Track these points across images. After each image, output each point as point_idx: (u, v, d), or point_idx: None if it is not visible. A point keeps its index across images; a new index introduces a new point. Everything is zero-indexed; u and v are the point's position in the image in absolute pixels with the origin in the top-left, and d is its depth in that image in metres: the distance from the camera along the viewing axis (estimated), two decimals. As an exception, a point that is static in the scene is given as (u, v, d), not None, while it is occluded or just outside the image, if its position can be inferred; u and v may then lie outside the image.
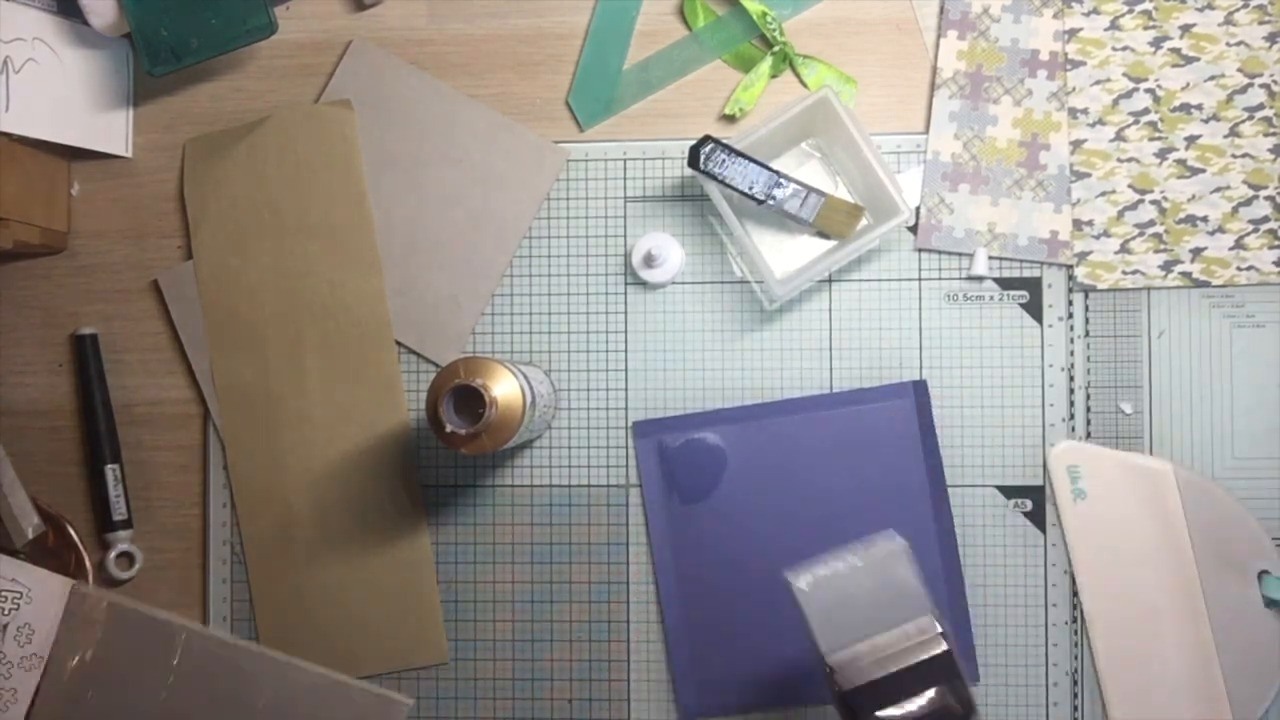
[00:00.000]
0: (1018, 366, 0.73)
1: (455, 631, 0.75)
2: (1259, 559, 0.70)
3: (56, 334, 0.78)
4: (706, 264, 0.75)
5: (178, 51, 0.73)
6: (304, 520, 0.75)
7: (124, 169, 0.79)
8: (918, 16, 0.75)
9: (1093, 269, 0.73)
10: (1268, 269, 0.72)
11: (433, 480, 0.76)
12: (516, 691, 0.75)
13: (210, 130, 0.78)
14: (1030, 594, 0.72)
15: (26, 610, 0.75)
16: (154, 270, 0.78)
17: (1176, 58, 0.73)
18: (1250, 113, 0.72)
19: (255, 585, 0.76)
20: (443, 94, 0.76)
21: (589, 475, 0.75)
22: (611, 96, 0.76)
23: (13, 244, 0.73)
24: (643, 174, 0.75)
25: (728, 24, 0.75)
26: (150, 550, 0.77)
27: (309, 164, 0.76)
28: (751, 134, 0.70)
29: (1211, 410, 0.72)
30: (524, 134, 0.76)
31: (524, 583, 0.75)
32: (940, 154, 0.74)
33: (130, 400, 0.78)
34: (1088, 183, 0.73)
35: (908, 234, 0.74)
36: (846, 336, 0.74)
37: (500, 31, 0.77)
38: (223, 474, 0.76)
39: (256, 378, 0.76)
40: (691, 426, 0.74)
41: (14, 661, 0.74)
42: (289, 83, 0.78)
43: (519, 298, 0.76)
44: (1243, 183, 0.72)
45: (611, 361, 0.75)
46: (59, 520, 0.76)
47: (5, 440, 0.77)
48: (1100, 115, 0.73)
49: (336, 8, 0.78)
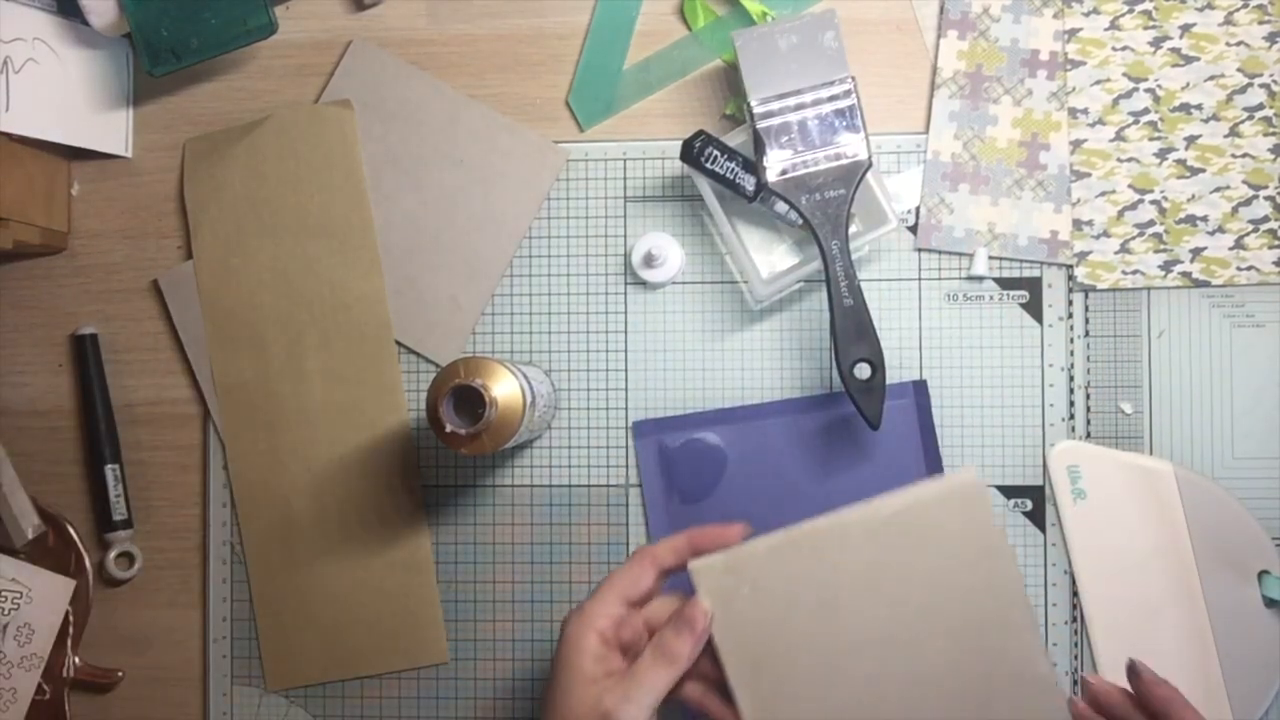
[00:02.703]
0: (1018, 366, 0.73)
1: (455, 631, 0.75)
2: (1259, 559, 0.70)
3: (56, 334, 0.78)
4: (706, 264, 0.75)
5: (178, 51, 0.73)
6: (304, 520, 0.76)
7: (124, 169, 0.79)
8: (918, 16, 0.75)
9: (1093, 269, 0.73)
10: (1268, 269, 0.72)
11: (433, 480, 0.76)
12: (516, 691, 0.75)
13: (210, 130, 0.78)
14: (1030, 594, 0.72)
15: (26, 610, 0.75)
16: (154, 270, 0.78)
17: (1176, 58, 0.73)
18: (1250, 113, 0.72)
19: (255, 585, 0.76)
20: (443, 94, 0.76)
21: (589, 475, 0.75)
22: (611, 96, 0.76)
23: (13, 244, 0.73)
24: (643, 174, 0.76)
25: (728, 24, 0.75)
26: (150, 550, 0.77)
27: (309, 164, 0.76)
28: (746, 131, 0.70)
29: (1211, 410, 0.72)
30: (524, 134, 0.76)
31: (524, 583, 0.75)
32: (940, 154, 0.74)
33: (130, 400, 0.78)
34: (1088, 183, 0.73)
35: (908, 234, 0.74)
36: (846, 336, 0.74)
37: (500, 31, 0.77)
38: (223, 474, 0.76)
39: (256, 378, 0.76)
40: (691, 426, 0.74)
41: (14, 661, 0.74)
42: (289, 83, 0.78)
43: (519, 298, 0.76)
44: (1243, 183, 0.72)
45: (611, 361, 0.75)
46: (59, 520, 0.76)
47: (5, 440, 0.77)
48: (1100, 115, 0.73)
49: (336, 8, 0.78)
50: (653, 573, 0.60)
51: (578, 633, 0.58)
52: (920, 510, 0.60)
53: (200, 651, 0.77)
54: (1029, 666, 0.60)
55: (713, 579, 0.60)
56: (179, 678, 0.77)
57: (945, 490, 0.61)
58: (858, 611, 0.60)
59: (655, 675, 0.57)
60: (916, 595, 0.60)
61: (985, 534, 0.60)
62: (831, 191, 0.68)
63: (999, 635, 0.60)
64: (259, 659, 0.76)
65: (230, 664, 0.76)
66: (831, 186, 0.68)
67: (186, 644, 0.77)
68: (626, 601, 0.59)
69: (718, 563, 0.60)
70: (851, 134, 0.68)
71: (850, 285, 0.67)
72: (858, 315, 0.67)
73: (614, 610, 0.59)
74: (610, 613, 0.59)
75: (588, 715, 0.56)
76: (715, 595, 0.60)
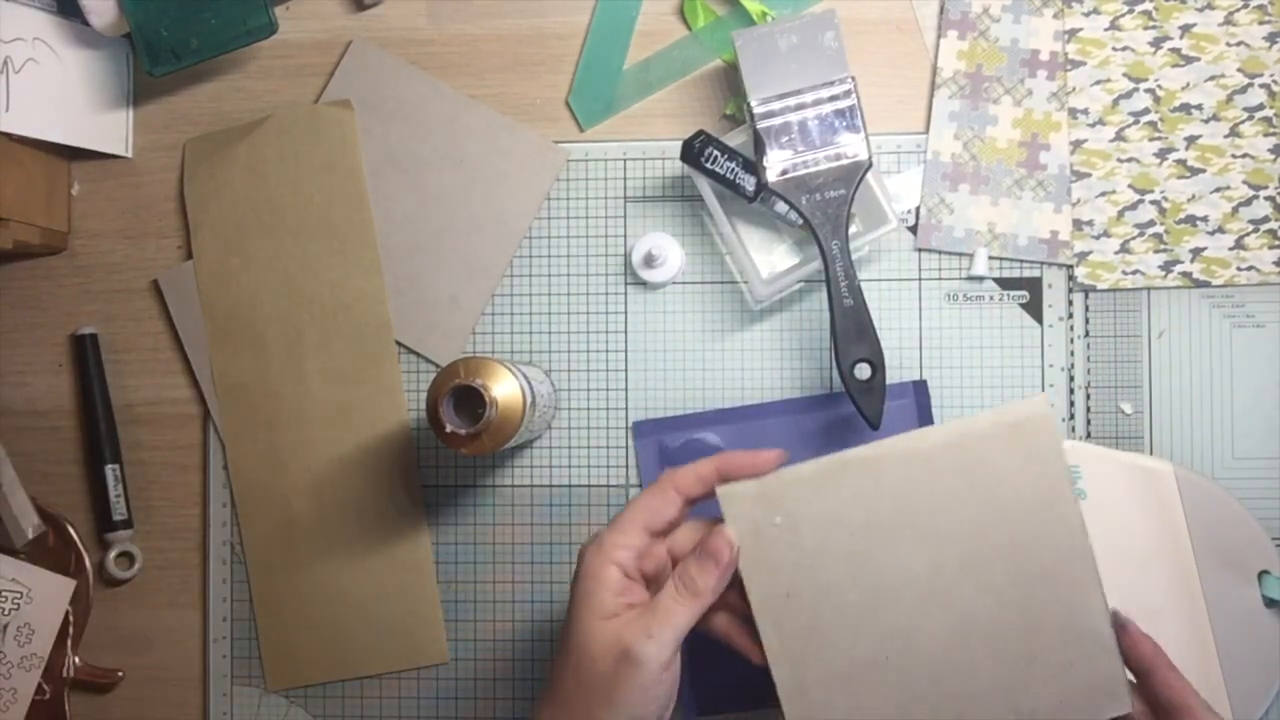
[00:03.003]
0: (1018, 366, 0.73)
1: (455, 631, 0.75)
2: (1259, 559, 0.70)
3: (56, 334, 0.78)
4: (707, 264, 0.75)
5: (178, 51, 0.73)
6: (304, 520, 0.76)
7: (124, 169, 0.79)
8: (918, 16, 0.75)
9: (1093, 269, 0.73)
10: (1268, 269, 0.72)
11: (433, 480, 0.76)
12: (516, 691, 0.75)
13: (210, 130, 0.78)
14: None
15: (26, 610, 0.75)
16: (154, 270, 0.78)
17: (1176, 58, 0.73)
18: (1250, 113, 0.72)
19: (255, 585, 0.76)
20: (443, 94, 0.76)
21: (589, 475, 0.75)
22: (611, 96, 0.76)
23: (13, 244, 0.73)
24: (643, 174, 0.76)
25: (728, 24, 0.75)
26: (150, 550, 0.77)
27: (309, 164, 0.76)
28: (746, 132, 0.70)
29: (1211, 410, 0.72)
30: (524, 134, 0.76)
31: (524, 583, 0.75)
32: (940, 154, 0.74)
33: (130, 400, 0.78)
34: (1088, 183, 0.73)
35: (908, 234, 0.74)
36: (846, 336, 0.74)
37: (500, 31, 0.77)
38: (223, 474, 0.76)
39: (256, 378, 0.76)
40: (691, 426, 0.74)
41: (14, 661, 0.74)
42: (289, 83, 0.78)
43: (519, 298, 0.76)
44: (1243, 183, 0.72)
45: (611, 361, 0.75)
46: (59, 520, 0.76)
47: (5, 440, 0.77)
48: (1100, 115, 0.73)
49: (336, 8, 0.78)
50: (677, 501, 0.57)
51: (595, 565, 0.55)
52: (978, 443, 0.55)
53: (200, 651, 0.77)
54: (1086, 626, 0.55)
55: (742, 507, 0.56)
56: (179, 678, 0.77)
57: (1009, 422, 0.55)
58: (898, 551, 0.55)
59: (678, 610, 0.54)
60: (966, 538, 0.55)
61: (1051, 476, 0.55)
62: (831, 191, 0.68)
63: (1056, 590, 0.55)
64: (259, 659, 0.76)
65: (230, 664, 0.76)
66: (831, 186, 0.68)
67: (186, 644, 0.77)
68: (649, 531, 0.56)
69: (749, 490, 0.56)
70: (851, 134, 0.68)
71: (850, 285, 0.67)
72: (858, 315, 0.67)
73: (635, 541, 0.55)
74: (630, 543, 0.55)
75: (606, 652, 0.53)
76: (744, 525, 0.56)
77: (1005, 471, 0.55)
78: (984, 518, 0.55)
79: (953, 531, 0.55)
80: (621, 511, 0.57)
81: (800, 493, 0.56)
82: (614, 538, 0.55)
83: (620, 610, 0.54)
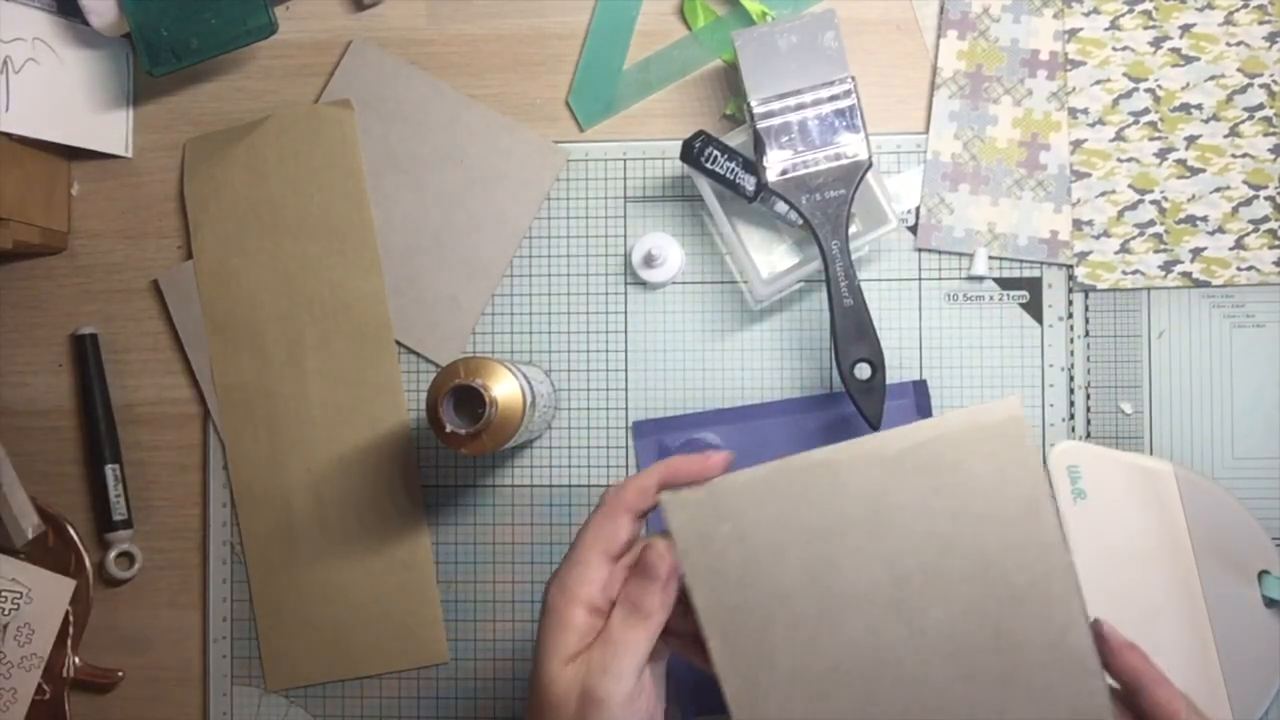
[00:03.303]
0: (1018, 366, 0.73)
1: (455, 631, 0.75)
2: (1259, 559, 0.70)
3: (56, 334, 0.78)
4: (707, 264, 0.75)
5: (178, 51, 0.73)
6: (304, 520, 0.76)
7: (124, 169, 0.79)
8: (918, 16, 0.75)
9: (1093, 269, 0.73)
10: (1268, 269, 0.72)
11: (433, 480, 0.76)
12: (516, 691, 0.75)
13: (210, 130, 0.78)
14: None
15: (26, 610, 0.75)
16: (154, 270, 0.78)
17: (1176, 58, 0.73)
18: (1250, 113, 0.72)
19: (255, 585, 0.76)
20: (443, 94, 0.76)
21: (589, 475, 0.75)
22: (611, 96, 0.76)
23: (13, 244, 0.73)
24: (643, 174, 0.76)
25: (728, 24, 0.75)
26: (150, 550, 0.77)
27: (309, 164, 0.76)
28: (746, 132, 0.70)
29: (1211, 410, 0.72)
30: (524, 134, 0.76)
31: (524, 583, 0.75)
32: (940, 154, 0.74)
33: (130, 400, 0.78)
34: (1088, 183, 0.73)
35: (908, 234, 0.74)
36: (846, 336, 0.74)
37: (500, 31, 0.77)
38: (223, 474, 0.76)
39: (256, 378, 0.76)
40: (691, 426, 0.74)
41: (14, 661, 0.74)
42: (289, 83, 0.78)
43: (519, 298, 0.76)
44: (1243, 183, 0.72)
45: (611, 361, 0.75)
46: (59, 520, 0.76)
47: (5, 440, 0.77)
48: (1100, 115, 0.73)
49: (336, 8, 0.78)
50: (628, 520, 0.54)
51: (559, 606, 0.52)
52: (946, 446, 0.51)
53: (200, 651, 0.77)
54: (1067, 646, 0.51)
55: (686, 514, 0.52)
56: (179, 678, 0.77)
57: (979, 424, 0.51)
58: (858, 560, 0.52)
59: (630, 637, 0.51)
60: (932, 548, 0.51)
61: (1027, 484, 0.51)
62: (831, 191, 0.68)
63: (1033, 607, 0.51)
64: (259, 659, 0.76)
65: (230, 664, 0.76)
66: (831, 186, 0.68)
67: (186, 644, 0.77)
68: (608, 558, 0.53)
69: (692, 496, 0.52)
70: (851, 134, 0.68)
71: (850, 285, 0.67)
72: (858, 315, 0.67)
73: (596, 574, 0.53)
74: (593, 577, 0.52)
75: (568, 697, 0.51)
76: (689, 533, 0.52)
77: (976, 478, 0.51)
78: (952, 527, 0.52)
79: (917, 540, 0.52)
80: (575, 542, 0.54)
81: (751, 498, 0.52)
82: (575, 574, 0.53)
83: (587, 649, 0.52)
